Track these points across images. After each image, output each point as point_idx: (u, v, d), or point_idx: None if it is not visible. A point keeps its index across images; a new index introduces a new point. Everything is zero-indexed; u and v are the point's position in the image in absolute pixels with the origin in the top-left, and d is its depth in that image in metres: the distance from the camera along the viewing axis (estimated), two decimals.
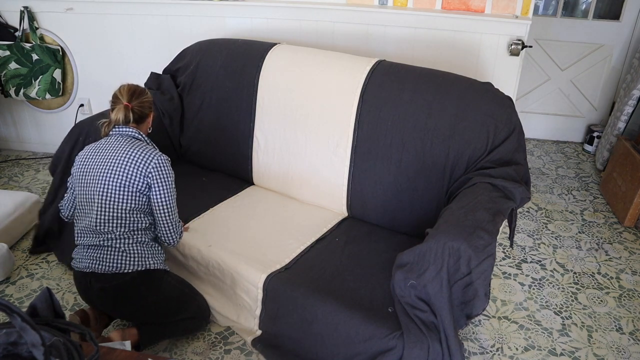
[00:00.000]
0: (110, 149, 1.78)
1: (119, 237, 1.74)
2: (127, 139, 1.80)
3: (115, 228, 1.73)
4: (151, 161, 1.73)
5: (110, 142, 1.80)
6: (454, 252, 1.52)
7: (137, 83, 2.68)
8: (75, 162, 1.82)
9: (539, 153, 3.74)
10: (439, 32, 2.56)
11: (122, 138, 1.80)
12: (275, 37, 2.79)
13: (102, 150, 1.79)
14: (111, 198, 1.72)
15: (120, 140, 1.79)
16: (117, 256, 1.74)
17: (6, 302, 0.81)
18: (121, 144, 1.78)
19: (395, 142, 2.05)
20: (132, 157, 1.73)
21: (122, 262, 1.74)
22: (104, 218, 1.73)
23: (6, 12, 3.12)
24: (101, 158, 1.77)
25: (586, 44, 3.64)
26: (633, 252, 2.62)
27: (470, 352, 1.99)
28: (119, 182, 1.72)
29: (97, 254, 1.75)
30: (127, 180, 1.72)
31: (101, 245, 1.74)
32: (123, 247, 1.74)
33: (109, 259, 1.74)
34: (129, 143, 1.78)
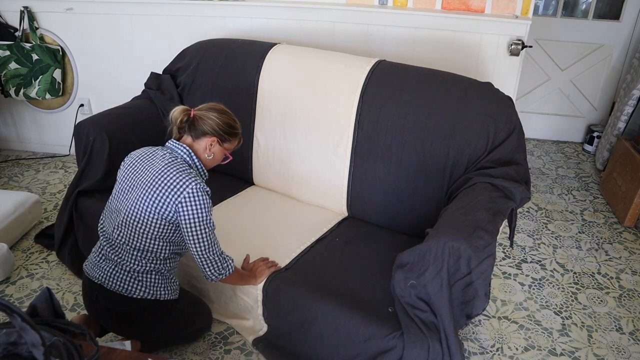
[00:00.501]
0: (155, 163, 1.64)
1: (134, 259, 1.64)
2: (174, 158, 1.66)
3: (133, 250, 1.63)
4: (184, 190, 1.57)
5: (158, 155, 1.67)
6: (454, 252, 1.52)
7: (137, 83, 2.71)
8: (122, 165, 1.74)
9: (539, 153, 3.74)
10: (439, 32, 2.56)
11: (170, 155, 1.67)
12: (275, 37, 2.79)
13: (148, 161, 1.66)
14: (136, 219, 1.61)
15: (167, 158, 1.65)
16: (128, 279, 1.64)
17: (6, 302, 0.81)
18: (166, 162, 1.64)
19: (395, 142, 2.05)
20: (168, 182, 1.58)
21: (133, 287, 1.64)
22: (124, 236, 1.63)
23: (6, 12, 3.12)
24: (142, 171, 1.64)
25: (586, 44, 3.64)
26: (633, 252, 2.62)
27: (470, 352, 1.99)
28: (148, 206, 1.59)
29: (110, 269, 1.66)
30: (158, 206, 1.58)
31: (116, 261, 1.65)
32: (136, 272, 1.64)
33: (120, 279, 1.64)
34: (172, 164, 1.63)
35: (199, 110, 1.72)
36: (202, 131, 1.70)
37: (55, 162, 3.44)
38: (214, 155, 1.75)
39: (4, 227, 2.42)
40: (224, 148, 1.76)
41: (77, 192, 2.26)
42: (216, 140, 1.72)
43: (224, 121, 1.72)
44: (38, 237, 2.58)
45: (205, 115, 1.70)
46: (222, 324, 2.05)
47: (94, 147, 2.24)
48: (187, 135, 1.72)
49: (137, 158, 1.69)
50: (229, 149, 1.79)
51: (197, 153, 1.71)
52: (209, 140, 1.71)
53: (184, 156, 1.68)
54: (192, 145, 1.71)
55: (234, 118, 1.78)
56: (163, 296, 1.69)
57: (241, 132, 1.80)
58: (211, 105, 1.75)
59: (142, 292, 1.65)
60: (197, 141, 1.71)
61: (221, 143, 1.74)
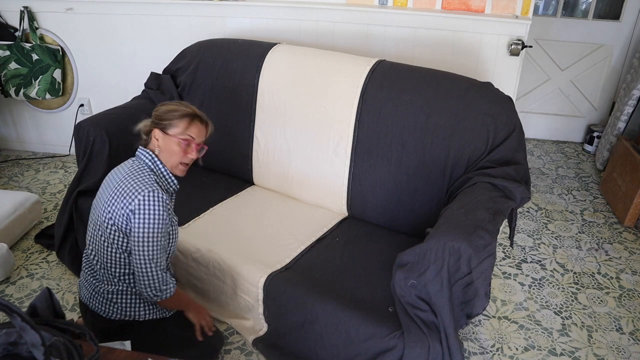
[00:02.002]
0: (119, 174, 1.59)
1: (106, 280, 1.60)
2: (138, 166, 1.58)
3: (102, 269, 1.59)
4: (136, 197, 1.49)
5: (126, 164, 1.62)
6: (454, 251, 1.52)
7: (137, 83, 2.71)
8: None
9: (539, 153, 3.74)
10: (439, 32, 2.56)
11: (134, 163, 1.60)
12: (275, 37, 2.79)
13: (114, 173, 1.61)
14: (99, 232, 1.55)
15: (130, 166, 1.59)
16: (105, 301, 1.61)
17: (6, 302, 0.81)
18: (127, 171, 1.57)
19: (395, 142, 2.05)
20: (124, 190, 1.52)
21: (109, 308, 1.61)
22: (94, 253, 1.60)
23: (6, 12, 3.12)
24: (108, 184, 1.60)
25: (586, 44, 3.64)
26: (633, 252, 2.62)
27: (470, 352, 1.99)
28: (106, 217, 1.53)
29: (90, 290, 1.65)
30: (113, 215, 1.52)
31: (93, 284, 1.64)
32: (111, 292, 1.60)
33: (98, 300, 1.62)
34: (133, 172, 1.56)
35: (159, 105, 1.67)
36: (148, 130, 1.63)
37: (55, 162, 3.44)
38: (165, 148, 1.60)
39: (4, 227, 2.42)
40: (171, 135, 1.59)
41: (77, 192, 2.26)
42: (157, 131, 1.60)
43: (161, 110, 1.62)
44: (38, 237, 2.58)
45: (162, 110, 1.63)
46: (222, 324, 2.05)
47: (94, 147, 2.24)
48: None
49: (111, 172, 1.64)
50: (177, 134, 1.60)
51: (161, 158, 1.61)
52: (153, 135, 1.61)
53: (146, 162, 1.60)
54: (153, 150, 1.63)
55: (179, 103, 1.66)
56: (142, 316, 1.64)
57: (189, 112, 1.62)
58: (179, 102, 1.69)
59: (118, 314, 1.62)
60: (150, 144, 1.62)
61: (164, 131, 1.59)
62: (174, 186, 1.66)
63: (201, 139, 1.66)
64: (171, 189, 1.66)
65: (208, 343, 1.82)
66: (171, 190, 1.66)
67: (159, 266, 1.54)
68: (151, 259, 1.51)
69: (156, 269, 1.53)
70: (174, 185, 1.65)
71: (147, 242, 1.50)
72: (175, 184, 1.65)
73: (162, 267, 1.55)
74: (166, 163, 1.62)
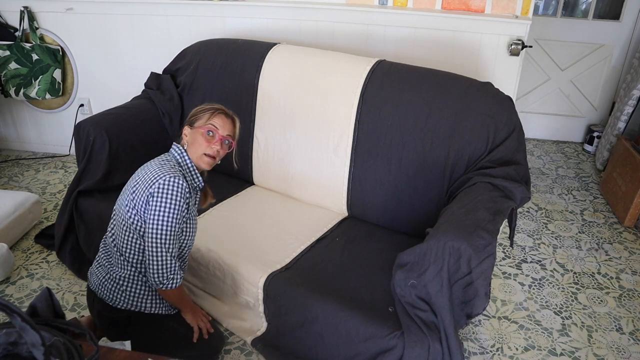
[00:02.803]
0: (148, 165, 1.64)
1: (120, 264, 1.63)
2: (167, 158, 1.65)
3: (118, 252, 1.62)
4: (157, 181, 1.54)
5: (157, 158, 1.69)
6: (454, 251, 1.52)
7: (137, 83, 2.71)
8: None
9: (539, 153, 3.74)
10: (439, 32, 2.56)
11: (165, 156, 1.67)
12: (275, 37, 2.79)
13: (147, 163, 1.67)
14: (120, 216, 1.59)
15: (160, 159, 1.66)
16: (114, 288, 1.63)
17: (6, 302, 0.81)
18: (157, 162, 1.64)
19: (395, 142, 2.05)
20: (148, 176, 1.57)
21: (117, 297, 1.63)
22: (114, 237, 1.63)
23: (6, 12, 3.12)
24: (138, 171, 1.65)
25: (586, 44, 3.64)
26: (633, 252, 2.62)
27: (470, 352, 1.99)
28: (128, 202, 1.58)
29: (102, 276, 1.66)
30: (134, 199, 1.56)
31: (107, 268, 1.66)
32: (122, 278, 1.62)
33: (107, 288, 1.64)
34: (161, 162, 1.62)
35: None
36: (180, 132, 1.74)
37: (55, 162, 3.44)
38: (192, 142, 1.67)
39: (4, 227, 2.42)
40: (196, 127, 1.68)
41: (77, 192, 2.26)
42: (186, 127, 1.71)
43: (192, 112, 1.74)
44: (38, 237, 2.58)
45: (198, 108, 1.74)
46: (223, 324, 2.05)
47: (94, 147, 2.24)
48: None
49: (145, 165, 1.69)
50: (202, 125, 1.67)
51: (190, 155, 1.68)
52: (183, 132, 1.71)
53: (175, 155, 1.66)
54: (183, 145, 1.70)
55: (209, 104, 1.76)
56: (148, 309, 1.65)
57: (214, 106, 1.74)
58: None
59: (125, 304, 1.63)
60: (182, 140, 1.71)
61: (192, 125, 1.70)
62: (199, 182, 1.69)
63: (226, 131, 1.70)
64: (196, 185, 1.69)
65: (208, 343, 1.82)
66: (196, 187, 1.69)
67: (169, 252, 1.55)
68: (163, 243, 1.53)
69: (166, 255, 1.55)
70: (199, 181, 1.69)
71: (161, 226, 1.52)
72: (200, 181, 1.69)
73: (172, 254, 1.56)
74: (192, 156, 1.67)
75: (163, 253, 1.54)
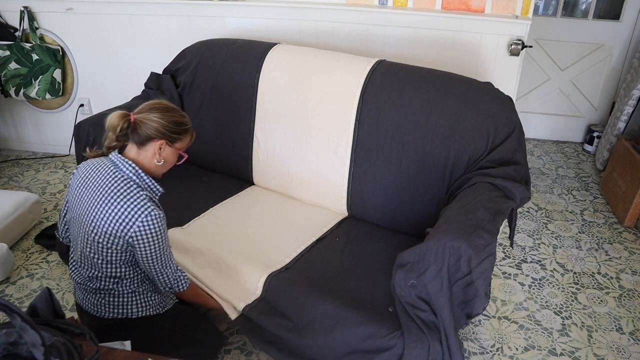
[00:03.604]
0: (100, 185, 1.49)
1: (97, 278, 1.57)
2: (120, 178, 1.49)
3: (93, 273, 1.56)
4: (134, 223, 1.43)
5: (103, 172, 1.51)
6: (454, 251, 1.52)
7: (137, 83, 2.71)
8: (71, 182, 1.59)
9: (539, 153, 3.74)
10: (439, 32, 2.56)
11: (114, 174, 1.49)
12: (275, 37, 2.79)
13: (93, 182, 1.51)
14: (90, 248, 1.50)
15: (112, 178, 1.49)
16: (95, 299, 1.60)
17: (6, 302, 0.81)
18: (111, 184, 1.47)
19: (395, 142, 2.05)
20: (116, 213, 1.44)
21: (99, 308, 1.59)
22: (84, 262, 1.57)
23: (6, 12, 3.12)
24: (90, 194, 1.50)
25: (586, 44, 3.64)
26: (633, 252, 2.62)
27: (470, 352, 1.99)
28: (99, 238, 1.47)
29: (82, 290, 1.63)
30: (108, 239, 1.46)
31: (84, 284, 1.61)
32: (101, 292, 1.58)
33: (89, 299, 1.61)
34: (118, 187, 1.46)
35: (139, 112, 1.53)
36: (146, 136, 1.51)
37: (55, 162, 3.44)
38: (165, 160, 1.57)
39: (4, 227, 2.42)
40: (176, 148, 1.58)
41: None
42: (164, 142, 1.53)
43: (169, 120, 1.53)
44: (38, 238, 2.58)
45: (147, 117, 1.51)
46: (222, 324, 2.05)
47: (94, 147, 2.24)
48: (131, 143, 1.53)
49: (84, 176, 1.55)
50: (182, 148, 1.60)
51: (144, 165, 1.54)
52: (156, 145, 1.52)
53: (130, 175, 1.50)
54: (139, 154, 1.53)
55: (181, 113, 1.59)
56: (135, 314, 1.61)
57: (189, 126, 1.61)
58: (152, 104, 1.56)
59: (111, 313, 1.60)
60: (144, 148, 1.52)
61: (171, 144, 1.55)
62: (160, 192, 1.60)
63: None
64: (157, 195, 1.60)
65: (208, 343, 1.82)
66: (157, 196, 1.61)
67: (170, 263, 1.57)
68: (165, 264, 1.55)
69: (168, 267, 1.57)
70: (160, 191, 1.60)
71: (159, 254, 1.51)
72: (160, 190, 1.59)
73: (173, 268, 1.59)
74: (155, 172, 1.58)
75: (165, 268, 1.56)
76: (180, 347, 1.72)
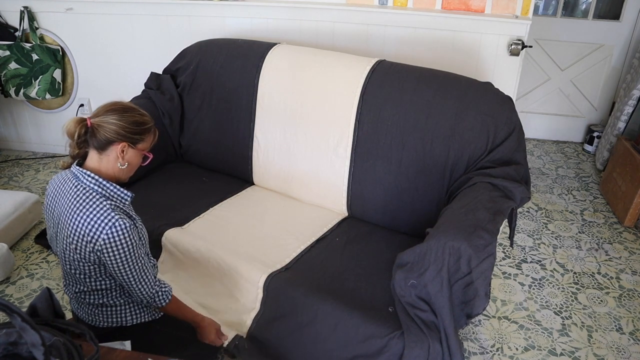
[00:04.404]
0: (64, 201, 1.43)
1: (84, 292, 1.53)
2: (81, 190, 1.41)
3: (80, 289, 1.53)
4: (99, 236, 1.36)
5: (66, 187, 1.44)
6: (454, 251, 1.52)
7: (137, 83, 2.70)
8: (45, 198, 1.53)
9: (539, 153, 3.74)
10: (439, 32, 2.56)
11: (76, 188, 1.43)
12: (275, 37, 2.79)
13: (60, 197, 1.45)
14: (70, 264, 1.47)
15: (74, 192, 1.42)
16: (87, 310, 1.56)
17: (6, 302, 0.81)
18: (74, 198, 1.41)
19: (395, 142, 2.05)
20: (80, 228, 1.38)
21: (94, 317, 1.56)
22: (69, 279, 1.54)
23: (6, 12, 3.12)
24: (59, 211, 1.45)
25: (586, 44, 3.64)
26: (633, 252, 2.62)
27: (470, 352, 1.99)
28: (72, 254, 1.42)
29: (75, 300, 1.60)
30: (80, 254, 1.41)
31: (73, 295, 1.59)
32: (92, 304, 1.54)
33: (83, 310, 1.58)
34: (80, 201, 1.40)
35: (95, 116, 1.45)
36: (106, 140, 1.43)
37: (55, 162, 3.44)
38: (129, 163, 1.49)
39: (4, 227, 2.42)
40: (139, 150, 1.50)
41: None
42: (126, 145, 1.45)
43: (128, 121, 1.46)
44: (38, 238, 2.58)
45: (105, 120, 1.43)
46: None
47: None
48: (92, 149, 1.45)
49: (52, 194, 1.50)
50: (145, 149, 1.52)
51: (107, 171, 1.46)
52: (118, 148, 1.44)
53: (91, 186, 1.42)
54: (100, 161, 1.45)
55: (141, 112, 1.51)
56: (130, 321, 1.58)
57: (152, 123, 1.52)
58: (109, 105, 1.49)
59: (105, 322, 1.57)
60: (105, 153, 1.44)
61: (133, 146, 1.48)
62: (128, 197, 1.49)
63: None
64: (127, 201, 1.50)
65: (206, 344, 1.82)
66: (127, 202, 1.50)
67: (147, 276, 1.47)
68: (137, 276, 1.45)
69: (145, 281, 1.47)
70: (128, 196, 1.49)
71: (128, 271, 1.43)
72: (129, 195, 1.49)
73: (150, 275, 1.49)
74: (120, 176, 1.50)
75: (141, 281, 1.46)
76: (180, 349, 1.71)
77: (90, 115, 1.46)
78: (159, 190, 2.33)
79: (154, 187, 2.35)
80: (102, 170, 1.46)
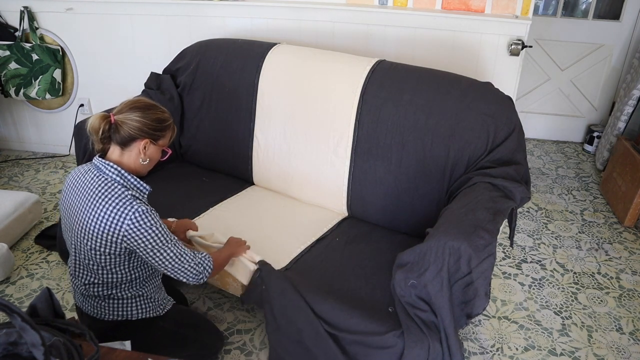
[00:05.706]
0: (86, 191, 1.46)
1: (95, 285, 1.56)
2: (104, 182, 1.45)
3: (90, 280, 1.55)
4: (123, 223, 1.40)
5: (88, 178, 1.49)
6: (454, 251, 1.52)
7: (137, 83, 2.71)
8: (63, 189, 1.57)
9: (539, 153, 3.74)
10: (439, 32, 2.56)
11: (98, 178, 1.47)
12: (275, 37, 2.79)
13: (80, 189, 1.48)
14: (85, 255, 1.50)
15: (96, 182, 1.46)
16: (94, 302, 1.58)
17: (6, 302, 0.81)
18: (96, 188, 1.45)
19: (395, 142, 2.05)
20: (102, 216, 1.41)
21: (99, 309, 1.58)
22: (81, 269, 1.56)
23: (6, 12, 3.12)
24: (78, 201, 1.48)
25: (586, 44, 3.64)
26: (633, 252, 2.62)
27: (470, 352, 1.99)
28: (91, 243, 1.45)
29: (81, 293, 1.61)
30: (100, 243, 1.44)
31: (83, 290, 1.60)
32: (100, 297, 1.57)
33: (88, 302, 1.60)
34: (102, 190, 1.44)
35: (119, 113, 1.50)
36: (129, 136, 1.48)
37: (55, 162, 3.44)
38: (150, 159, 1.55)
39: (4, 227, 2.42)
40: (159, 145, 1.56)
41: None
42: (149, 141, 1.51)
43: (151, 118, 1.51)
44: (38, 238, 2.58)
45: (128, 117, 1.48)
46: (222, 324, 2.05)
47: (94, 147, 2.23)
48: (114, 144, 1.50)
49: (71, 185, 1.53)
50: (165, 145, 1.59)
51: (129, 166, 1.51)
52: (140, 144, 1.50)
53: (114, 177, 1.47)
54: (122, 156, 1.51)
55: (162, 109, 1.57)
56: (135, 316, 1.60)
57: (171, 122, 1.58)
58: (131, 103, 1.53)
59: (110, 315, 1.58)
60: (127, 149, 1.50)
61: (155, 142, 1.54)
62: (147, 191, 1.56)
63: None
64: (145, 194, 1.56)
65: (208, 343, 1.82)
66: (145, 195, 1.56)
67: (187, 256, 1.51)
68: (177, 256, 1.48)
69: (187, 260, 1.50)
70: (147, 189, 1.55)
71: (164, 252, 1.46)
72: (147, 188, 1.55)
73: (189, 254, 1.52)
74: (140, 171, 1.55)
75: (185, 259, 1.50)
76: (181, 347, 1.72)
77: (114, 112, 1.50)
78: (159, 190, 2.33)
79: (154, 187, 2.32)
80: (124, 164, 1.51)
